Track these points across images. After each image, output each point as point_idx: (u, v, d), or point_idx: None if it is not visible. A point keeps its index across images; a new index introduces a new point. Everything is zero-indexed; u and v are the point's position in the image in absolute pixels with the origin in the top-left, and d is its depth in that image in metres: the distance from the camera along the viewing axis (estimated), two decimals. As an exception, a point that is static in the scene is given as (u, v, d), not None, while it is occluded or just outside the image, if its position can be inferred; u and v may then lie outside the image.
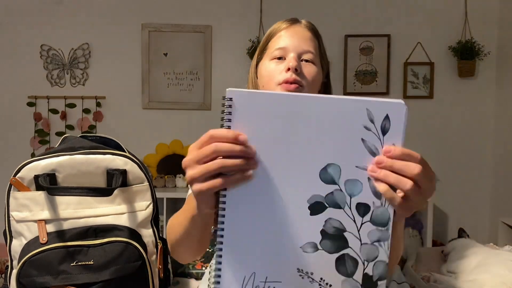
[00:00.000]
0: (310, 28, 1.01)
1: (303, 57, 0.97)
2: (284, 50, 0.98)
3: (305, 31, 1.00)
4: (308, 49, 0.97)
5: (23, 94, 3.30)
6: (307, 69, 0.97)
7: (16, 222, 1.03)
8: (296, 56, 0.96)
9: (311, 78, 0.97)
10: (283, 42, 0.98)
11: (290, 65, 0.94)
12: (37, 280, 0.96)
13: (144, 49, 3.32)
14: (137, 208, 1.08)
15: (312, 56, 0.98)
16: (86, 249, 0.99)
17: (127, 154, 1.08)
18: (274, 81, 0.96)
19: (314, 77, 0.97)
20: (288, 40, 0.98)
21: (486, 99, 3.27)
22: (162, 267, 1.10)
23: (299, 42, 0.98)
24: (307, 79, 0.96)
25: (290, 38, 0.98)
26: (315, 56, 0.99)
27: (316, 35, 1.02)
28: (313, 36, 1.00)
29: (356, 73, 3.30)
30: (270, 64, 0.99)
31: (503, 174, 3.13)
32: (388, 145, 0.62)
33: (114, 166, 1.05)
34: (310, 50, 0.98)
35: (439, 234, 3.25)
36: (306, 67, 0.97)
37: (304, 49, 0.97)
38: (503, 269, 1.34)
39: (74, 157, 1.04)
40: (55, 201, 1.02)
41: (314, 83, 0.98)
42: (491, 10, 3.25)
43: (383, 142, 0.62)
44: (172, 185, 3.21)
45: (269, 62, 1.00)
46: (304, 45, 0.97)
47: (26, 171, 1.03)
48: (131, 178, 1.08)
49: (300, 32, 1.00)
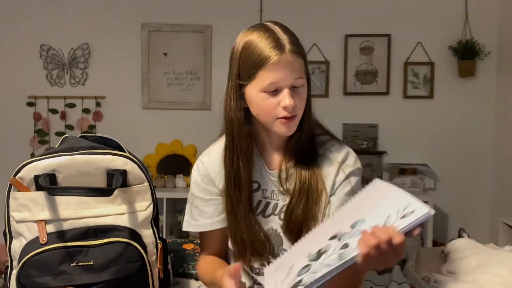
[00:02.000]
0: (296, 52, 0.99)
1: (295, 85, 1.00)
2: (276, 84, 0.99)
3: (293, 60, 0.99)
4: (298, 76, 1.00)
5: (23, 94, 3.30)
6: (299, 96, 1.01)
7: (16, 223, 1.03)
8: (290, 89, 1.00)
9: (303, 101, 1.03)
10: (275, 77, 0.98)
11: (287, 104, 0.99)
12: (37, 281, 0.96)
13: (144, 49, 3.32)
14: (137, 208, 1.08)
15: (302, 80, 1.01)
16: (86, 249, 0.99)
17: (127, 154, 1.08)
18: (271, 115, 1.02)
19: (305, 98, 1.04)
20: (280, 74, 0.98)
21: (486, 99, 3.27)
22: (162, 267, 1.10)
23: (290, 74, 0.99)
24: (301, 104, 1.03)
25: (281, 72, 0.98)
26: (304, 76, 1.02)
27: (302, 54, 1.01)
28: (300, 58, 1.00)
29: (356, 73, 3.30)
30: (263, 96, 1.01)
31: (503, 174, 3.13)
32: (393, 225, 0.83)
33: (114, 166, 1.05)
34: (300, 76, 1.00)
35: (439, 234, 3.25)
36: (298, 94, 1.01)
37: (295, 79, 0.99)
38: (503, 269, 1.34)
39: (74, 157, 1.03)
40: (55, 201, 1.02)
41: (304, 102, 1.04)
42: (491, 10, 3.24)
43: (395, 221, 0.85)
44: (172, 185, 3.21)
45: (260, 93, 1.01)
46: (295, 75, 0.99)
47: (26, 171, 1.02)
48: (131, 178, 1.07)
49: (290, 62, 0.98)
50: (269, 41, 0.99)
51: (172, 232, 3.17)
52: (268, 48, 0.99)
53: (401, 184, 3.10)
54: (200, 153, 3.79)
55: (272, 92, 1.00)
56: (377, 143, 3.29)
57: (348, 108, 3.26)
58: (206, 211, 1.12)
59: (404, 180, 3.11)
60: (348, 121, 3.23)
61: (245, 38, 1.04)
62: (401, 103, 3.31)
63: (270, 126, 1.04)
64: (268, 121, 1.03)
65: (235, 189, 1.07)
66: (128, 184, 1.07)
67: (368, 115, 3.28)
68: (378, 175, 3.24)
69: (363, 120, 3.27)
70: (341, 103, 3.27)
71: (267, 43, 0.99)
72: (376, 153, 3.25)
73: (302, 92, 1.02)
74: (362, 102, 3.29)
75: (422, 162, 3.25)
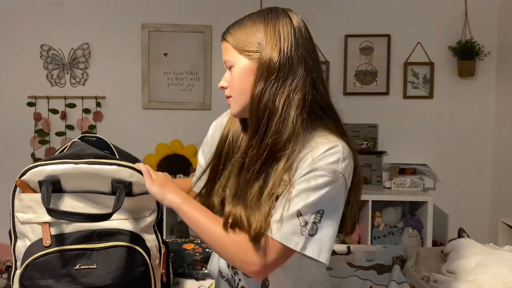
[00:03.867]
0: (223, 37, 1.06)
1: (227, 66, 1.06)
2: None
3: (223, 44, 1.06)
4: (225, 59, 1.05)
5: (23, 94, 3.30)
6: (231, 77, 1.05)
7: (21, 224, 1.03)
8: (227, 72, 1.06)
9: (235, 84, 1.03)
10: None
11: (218, 85, 1.10)
12: (40, 283, 0.96)
13: (144, 49, 3.32)
14: (142, 214, 1.07)
15: (230, 62, 1.04)
16: (90, 252, 0.99)
17: (133, 165, 1.06)
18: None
19: (234, 80, 1.03)
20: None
21: (486, 99, 3.27)
22: (165, 271, 1.10)
23: (223, 57, 1.05)
24: (233, 86, 1.04)
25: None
26: (233, 58, 1.02)
27: (225, 38, 1.05)
28: (226, 43, 1.04)
29: (356, 73, 3.30)
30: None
31: (503, 174, 3.13)
32: None
33: (120, 177, 1.03)
34: (227, 60, 1.04)
35: (439, 234, 3.25)
36: (231, 75, 1.05)
37: (224, 61, 1.05)
38: (503, 269, 1.34)
39: (78, 166, 1.01)
40: (59, 203, 1.02)
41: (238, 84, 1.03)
42: (491, 10, 3.24)
43: None
44: (172, 185, 3.20)
45: None
46: (224, 57, 1.05)
47: (31, 175, 1.02)
48: (136, 189, 1.06)
49: (222, 47, 1.06)
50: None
51: (172, 232, 3.18)
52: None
53: (401, 184, 3.11)
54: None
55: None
56: (377, 143, 3.29)
57: (348, 108, 3.23)
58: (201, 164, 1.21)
59: (404, 180, 3.11)
60: (348, 121, 3.20)
61: None
62: (401, 103, 3.31)
63: None
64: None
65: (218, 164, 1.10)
66: (133, 194, 1.07)
67: (368, 115, 3.28)
68: (378, 175, 3.24)
69: (363, 120, 3.27)
70: (341, 103, 3.26)
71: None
72: (376, 153, 3.26)
73: (233, 74, 1.04)
74: (362, 102, 3.29)
75: (422, 162, 3.25)
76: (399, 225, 3.11)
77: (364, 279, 1.46)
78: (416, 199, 3.04)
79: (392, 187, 3.10)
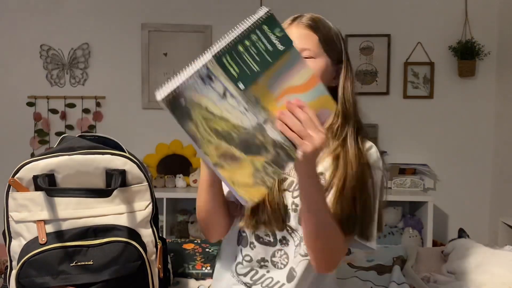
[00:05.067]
0: (308, 25, 1.07)
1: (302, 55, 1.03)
2: None
3: (301, 29, 1.06)
4: (303, 47, 1.03)
5: (23, 94, 3.30)
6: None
7: (15, 223, 1.03)
8: None
9: None
10: None
11: None
12: (36, 281, 0.96)
13: (144, 49, 3.32)
14: (136, 208, 1.08)
15: (309, 52, 1.04)
16: (86, 249, 0.99)
17: (126, 154, 1.08)
18: None
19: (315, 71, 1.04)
20: None
21: (486, 99, 3.27)
22: (161, 266, 1.10)
23: (296, 41, 1.00)
24: None
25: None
26: (314, 50, 1.05)
27: (316, 29, 1.06)
28: (310, 31, 1.06)
29: (356, 73, 3.30)
30: None
31: (503, 174, 3.13)
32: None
33: (113, 166, 1.05)
34: (305, 48, 1.04)
35: (439, 234, 3.25)
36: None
37: (300, 48, 1.01)
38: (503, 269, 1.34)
39: (72, 157, 1.03)
40: (54, 201, 1.02)
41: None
42: (491, 10, 3.24)
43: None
44: (172, 185, 3.21)
45: None
46: (300, 44, 1.02)
47: (25, 171, 1.02)
48: (130, 178, 1.07)
49: (297, 31, 1.06)
50: (287, 20, 1.10)
51: (172, 232, 3.17)
52: (286, 21, 1.10)
53: (401, 184, 3.11)
54: (200, 153, 3.69)
55: None
56: (377, 143, 3.25)
57: (348, 108, 3.26)
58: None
59: (404, 180, 3.11)
60: (348, 121, 3.24)
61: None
62: (401, 103, 3.31)
63: None
64: None
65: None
66: (127, 184, 1.07)
67: (368, 115, 3.27)
68: (378, 175, 3.24)
69: (363, 120, 3.26)
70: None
71: (284, 22, 1.10)
72: (376, 153, 3.25)
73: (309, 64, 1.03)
74: (362, 102, 3.28)
75: (422, 162, 3.25)
76: (399, 225, 3.10)
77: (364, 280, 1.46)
78: (416, 199, 3.04)
79: (392, 187, 3.10)
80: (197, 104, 0.78)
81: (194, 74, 0.78)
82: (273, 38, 0.82)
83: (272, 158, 0.82)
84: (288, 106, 0.83)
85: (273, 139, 0.82)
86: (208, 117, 0.79)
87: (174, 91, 0.77)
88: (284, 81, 0.83)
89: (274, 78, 0.82)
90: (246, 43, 0.81)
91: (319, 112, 0.85)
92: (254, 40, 0.81)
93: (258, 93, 0.81)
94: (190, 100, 0.78)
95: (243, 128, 0.80)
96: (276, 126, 0.82)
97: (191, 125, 0.80)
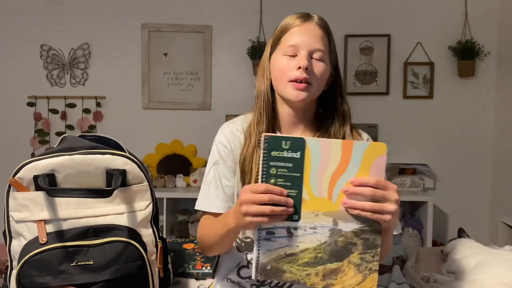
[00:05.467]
0: (322, 26, 1.07)
1: (313, 55, 1.04)
2: (296, 47, 1.04)
3: (316, 29, 1.05)
4: (318, 47, 1.04)
5: (23, 94, 3.30)
6: (316, 67, 1.04)
7: (16, 223, 1.03)
8: (307, 54, 1.03)
9: (320, 75, 1.05)
10: (295, 40, 1.04)
11: (301, 64, 1.02)
12: (37, 281, 0.96)
13: (144, 49, 3.32)
14: (137, 208, 1.08)
15: (322, 54, 1.04)
16: (86, 249, 0.99)
17: (126, 154, 1.08)
18: (285, 77, 1.04)
19: (323, 74, 1.05)
20: (300, 38, 1.04)
21: (486, 99, 3.27)
22: (162, 266, 1.10)
23: (311, 40, 1.03)
24: (316, 76, 1.04)
25: (302, 36, 1.04)
26: (325, 53, 1.05)
27: (327, 32, 1.07)
28: (324, 33, 1.06)
29: (356, 73, 3.30)
30: (283, 59, 1.05)
31: (503, 174, 3.13)
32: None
33: (114, 166, 1.05)
34: (320, 49, 1.04)
35: (439, 234, 3.25)
36: (316, 65, 1.04)
37: (315, 47, 1.03)
38: (503, 269, 1.34)
39: (73, 157, 1.03)
40: (54, 201, 1.02)
41: (322, 80, 1.06)
42: (491, 10, 3.24)
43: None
44: (172, 185, 3.21)
45: (281, 57, 1.06)
46: (315, 44, 1.04)
47: (25, 171, 1.02)
48: (130, 178, 1.07)
49: (312, 30, 1.05)
50: (298, 14, 1.08)
51: (172, 232, 3.17)
52: (295, 17, 1.08)
53: (401, 184, 3.11)
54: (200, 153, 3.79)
55: (292, 56, 1.04)
56: (377, 143, 3.29)
57: (348, 108, 3.25)
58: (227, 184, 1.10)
59: (404, 180, 3.11)
60: (348, 121, 3.23)
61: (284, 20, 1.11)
62: (401, 103, 3.31)
63: (283, 90, 1.07)
64: (281, 83, 1.06)
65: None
66: (128, 184, 1.07)
67: (368, 115, 3.28)
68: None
69: (363, 120, 3.26)
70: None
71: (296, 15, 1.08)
72: (376, 153, 3.25)
73: (319, 65, 1.04)
74: (362, 102, 3.29)
75: (421, 162, 3.25)
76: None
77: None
78: (416, 199, 3.04)
79: (392, 187, 3.10)
80: (276, 258, 0.86)
81: (258, 243, 0.86)
82: (286, 154, 0.84)
83: (362, 247, 0.85)
84: (347, 196, 0.84)
85: (352, 231, 0.85)
86: (292, 259, 0.86)
87: (258, 265, 0.86)
88: (324, 174, 0.84)
89: (313, 182, 0.84)
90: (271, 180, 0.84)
91: (374, 165, 0.84)
92: (274, 171, 0.84)
93: (312, 207, 0.84)
94: (271, 260, 0.86)
95: (323, 244, 0.85)
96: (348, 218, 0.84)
97: (286, 275, 0.86)
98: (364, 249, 0.85)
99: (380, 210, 0.82)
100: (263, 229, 0.86)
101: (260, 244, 0.85)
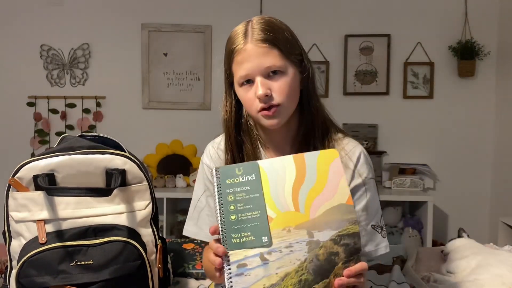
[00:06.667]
0: (263, 39, 0.95)
1: (269, 74, 0.97)
2: (248, 76, 0.97)
3: (258, 47, 0.95)
4: (268, 65, 0.96)
5: (23, 94, 3.30)
6: (277, 84, 0.97)
7: (15, 223, 1.03)
8: (262, 79, 0.96)
9: (284, 91, 0.97)
10: (244, 69, 0.96)
11: (258, 94, 0.95)
12: (36, 280, 0.96)
13: (144, 49, 3.32)
14: (136, 207, 1.08)
15: (276, 66, 0.96)
16: (86, 248, 0.99)
17: (126, 153, 1.08)
18: (253, 109, 0.99)
19: (286, 88, 0.98)
20: (247, 65, 0.96)
21: (486, 99, 3.27)
22: (161, 266, 1.10)
23: (258, 61, 0.95)
24: (281, 94, 0.97)
25: (248, 62, 0.96)
26: (280, 63, 0.97)
27: (272, 42, 0.96)
28: (268, 45, 0.95)
29: (356, 73, 3.30)
30: (242, 91, 0.99)
31: (503, 174, 3.13)
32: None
33: (113, 165, 1.05)
34: (271, 65, 0.96)
35: (439, 234, 3.25)
36: (276, 83, 0.97)
37: (265, 67, 0.96)
38: (503, 269, 1.34)
39: (72, 157, 1.03)
40: (54, 201, 1.02)
41: (289, 92, 0.99)
42: (491, 10, 3.24)
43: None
44: (172, 185, 3.21)
45: (239, 88, 1.00)
46: (264, 62, 0.95)
47: (25, 171, 1.02)
48: (130, 177, 1.07)
49: (254, 51, 0.95)
50: (238, 34, 0.98)
51: (172, 232, 3.17)
52: (235, 40, 0.97)
53: (401, 184, 3.11)
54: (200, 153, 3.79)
55: (249, 85, 0.98)
56: (376, 143, 3.29)
57: (348, 108, 3.26)
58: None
59: (403, 180, 3.11)
60: (348, 121, 3.23)
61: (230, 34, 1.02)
62: (401, 103, 3.31)
63: (257, 121, 1.02)
64: (253, 115, 1.01)
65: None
66: (127, 183, 1.07)
67: (368, 115, 3.28)
68: (378, 175, 3.24)
69: (363, 120, 3.27)
70: (341, 103, 3.26)
71: (236, 36, 0.98)
72: (376, 153, 3.25)
73: (280, 80, 0.96)
74: (362, 102, 3.29)
75: (421, 162, 3.25)
76: (399, 225, 3.10)
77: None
78: (416, 199, 3.04)
79: (392, 187, 3.10)
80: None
81: (230, 282, 0.77)
82: (241, 179, 0.82)
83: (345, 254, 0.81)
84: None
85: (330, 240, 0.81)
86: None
87: None
88: (284, 188, 0.83)
89: (276, 198, 0.82)
90: (230, 207, 0.81)
91: (330, 170, 0.84)
92: (232, 197, 0.81)
93: (281, 223, 0.80)
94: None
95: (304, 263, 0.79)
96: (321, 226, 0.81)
97: None
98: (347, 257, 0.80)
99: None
100: (233, 262, 0.78)
101: (232, 283, 0.77)
